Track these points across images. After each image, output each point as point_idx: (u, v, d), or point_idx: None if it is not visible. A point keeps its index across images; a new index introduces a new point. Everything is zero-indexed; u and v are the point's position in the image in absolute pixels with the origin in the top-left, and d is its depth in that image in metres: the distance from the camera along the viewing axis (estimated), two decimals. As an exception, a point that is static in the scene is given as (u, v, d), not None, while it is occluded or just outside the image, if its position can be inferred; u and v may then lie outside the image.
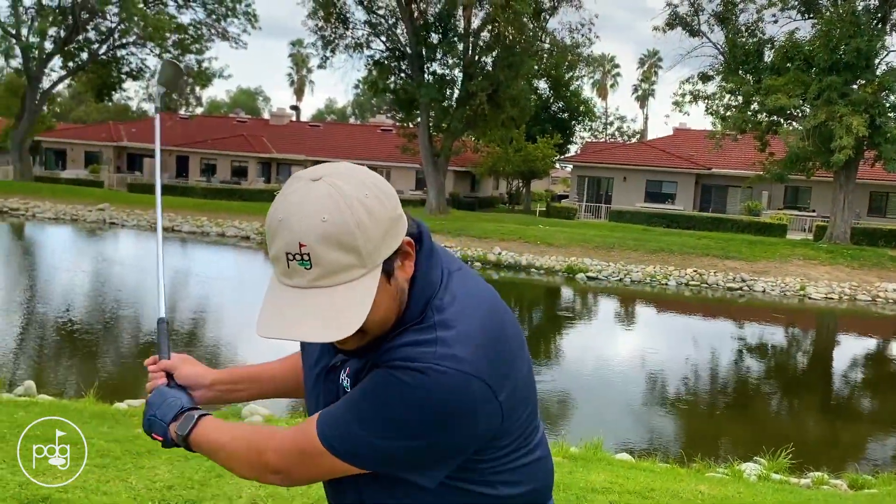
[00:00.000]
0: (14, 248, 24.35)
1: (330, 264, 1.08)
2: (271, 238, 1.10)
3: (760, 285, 22.68)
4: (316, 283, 1.09)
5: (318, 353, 1.34)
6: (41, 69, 38.84)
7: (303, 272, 1.08)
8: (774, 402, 12.28)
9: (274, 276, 1.13)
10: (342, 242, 1.07)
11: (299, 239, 1.07)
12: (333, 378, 1.29)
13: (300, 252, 1.07)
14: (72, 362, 10.94)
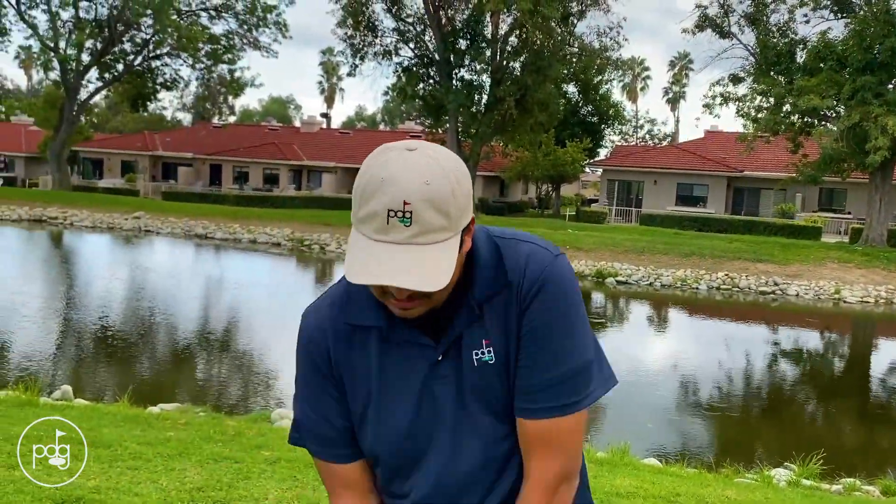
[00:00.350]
0: (53, 256, 24.93)
1: (427, 224, 1.14)
2: (369, 196, 1.15)
3: (794, 289, 22.35)
4: (412, 240, 1.14)
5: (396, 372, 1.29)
6: (79, 81, 39.75)
7: (402, 229, 1.14)
8: (807, 408, 12.10)
9: (359, 234, 1.18)
10: (440, 206, 1.14)
11: (404, 197, 1.13)
12: (445, 373, 1.27)
13: (403, 209, 1.13)
14: (108, 367, 11.18)
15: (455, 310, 1.26)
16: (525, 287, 1.25)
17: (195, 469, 4.38)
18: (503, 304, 1.26)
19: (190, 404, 7.97)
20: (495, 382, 1.26)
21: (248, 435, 5.48)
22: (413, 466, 1.31)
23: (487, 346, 1.26)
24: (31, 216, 32.31)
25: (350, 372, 1.31)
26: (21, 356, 11.11)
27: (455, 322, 1.26)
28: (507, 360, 1.26)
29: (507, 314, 1.26)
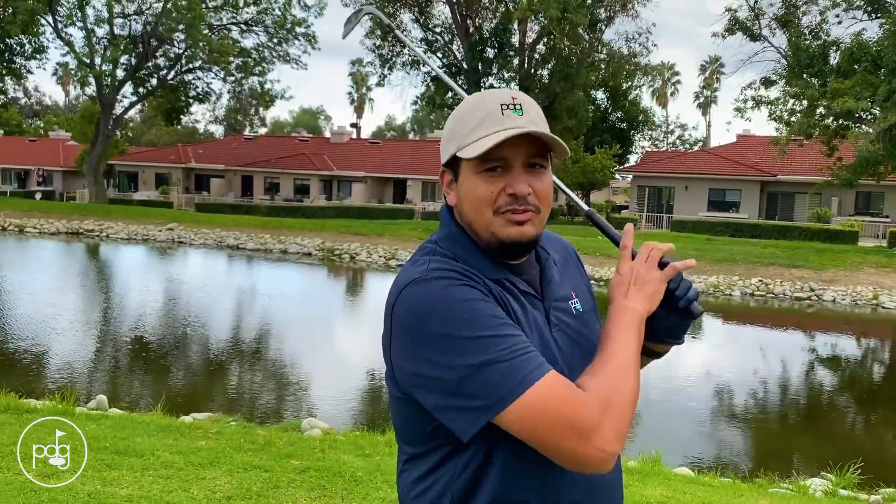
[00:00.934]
0: (89, 268, 25.42)
1: (537, 115, 1.30)
2: (475, 106, 1.30)
3: (830, 294, 21.93)
4: (531, 126, 1.26)
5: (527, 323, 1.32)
6: (114, 96, 40.58)
7: (516, 117, 1.27)
8: (844, 416, 11.85)
9: (475, 138, 1.27)
10: (539, 111, 1.32)
11: (511, 94, 1.29)
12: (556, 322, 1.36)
13: (513, 102, 1.28)
14: (142, 377, 11.35)
15: (542, 264, 1.39)
16: (580, 263, 1.55)
17: (225, 478, 4.42)
18: (566, 268, 1.46)
19: (221, 413, 8.05)
20: (587, 328, 1.40)
21: (279, 444, 5.52)
22: None
23: (575, 298, 1.42)
24: (68, 229, 33.01)
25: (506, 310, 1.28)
26: (58, 366, 11.34)
27: (548, 275, 1.38)
28: (589, 313, 1.44)
29: (576, 276, 1.48)
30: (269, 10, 40.47)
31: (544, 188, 1.30)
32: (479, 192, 1.28)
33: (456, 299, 1.21)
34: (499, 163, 1.27)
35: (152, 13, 39.51)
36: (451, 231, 1.35)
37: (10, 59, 41.09)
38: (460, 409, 1.18)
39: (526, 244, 1.30)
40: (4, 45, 40.09)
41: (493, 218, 1.27)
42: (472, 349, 1.17)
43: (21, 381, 9.41)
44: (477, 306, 1.21)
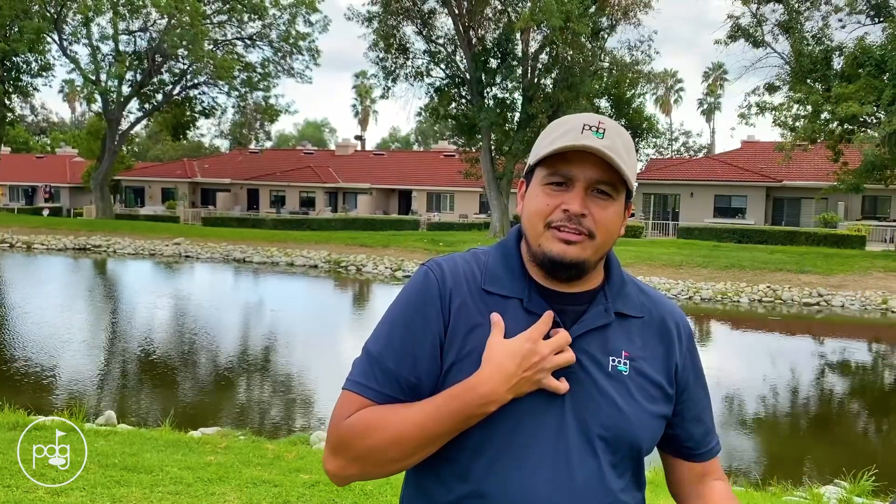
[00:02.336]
0: (97, 284, 25.48)
1: (616, 146, 1.23)
2: (563, 123, 1.27)
3: (839, 300, 21.82)
4: (607, 150, 1.21)
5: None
6: (120, 112, 40.82)
7: (596, 139, 1.22)
8: (857, 422, 11.76)
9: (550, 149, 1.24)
10: (627, 145, 1.26)
11: (600, 119, 1.25)
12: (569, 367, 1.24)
13: (598, 126, 1.24)
14: (150, 392, 11.35)
15: (590, 305, 1.29)
16: (683, 340, 1.36)
17: (234, 493, 4.40)
18: (645, 332, 1.32)
19: (230, 428, 8.04)
20: (623, 394, 1.26)
21: (288, 458, 5.50)
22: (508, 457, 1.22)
23: (626, 358, 1.28)
24: (76, 245, 33.14)
25: (468, 325, 1.25)
26: (66, 382, 11.34)
27: (589, 315, 1.28)
28: (645, 384, 1.29)
29: (654, 346, 1.32)
30: (274, 25, 40.74)
31: (605, 216, 1.24)
32: (537, 203, 1.26)
33: (410, 291, 1.30)
34: (562, 178, 1.24)
35: (156, 30, 39.80)
36: (506, 241, 1.37)
37: (16, 76, 41.40)
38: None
39: (568, 264, 1.23)
40: (11, 63, 40.41)
41: (544, 231, 1.25)
42: (378, 333, 1.31)
43: (29, 398, 9.42)
44: (411, 301, 1.29)
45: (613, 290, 1.32)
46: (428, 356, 1.25)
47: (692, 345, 1.38)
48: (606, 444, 1.24)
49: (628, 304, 1.32)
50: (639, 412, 1.27)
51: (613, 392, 1.25)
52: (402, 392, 1.24)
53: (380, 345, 1.28)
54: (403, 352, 1.25)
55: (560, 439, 1.22)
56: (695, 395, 1.38)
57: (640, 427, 1.27)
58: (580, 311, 1.28)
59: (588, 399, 1.24)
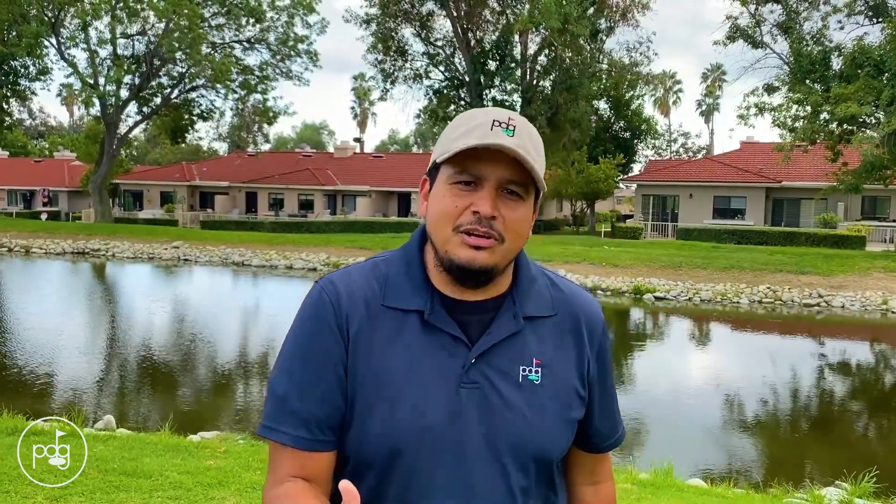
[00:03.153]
0: (96, 288, 25.46)
1: (527, 144, 1.17)
2: (469, 118, 1.20)
3: (839, 300, 21.81)
4: (518, 149, 1.14)
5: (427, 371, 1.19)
6: (118, 115, 40.83)
7: (506, 136, 1.15)
8: (858, 423, 11.74)
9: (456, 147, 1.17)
10: (535, 143, 1.20)
11: (509, 115, 1.19)
12: (475, 379, 1.19)
13: (508, 122, 1.17)
14: (150, 397, 11.32)
15: (497, 313, 1.22)
16: (595, 331, 1.31)
17: (234, 498, 4.38)
18: (557, 332, 1.27)
19: (229, 432, 8.01)
20: (535, 404, 1.21)
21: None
22: (418, 477, 1.18)
23: (537, 366, 1.22)
24: (74, 248, 33.10)
25: (368, 349, 1.19)
26: (65, 387, 11.32)
27: (497, 325, 1.21)
28: (558, 389, 1.24)
29: (566, 346, 1.27)
30: (272, 28, 40.76)
31: (515, 218, 1.17)
32: (444, 204, 1.17)
33: (304, 318, 1.24)
34: (471, 177, 1.16)
35: (154, 33, 39.82)
36: (408, 245, 1.28)
37: (14, 80, 41.42)
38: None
39: (476, 272, 1.16)
40: (9, 67, 40.42)
41: (452, 235, 1.16)
42: (279, 368, 1.25)
43: (28, 403, 9.39)
44: (305, 330, 1.23)
45: (522, 293, 1.25)
46: (335, 387, 1.19)
47: (604, 340, 1.33)
48: (516, 460, 1.20)
49: (538, 303, 1.26)
50: (550, 423, 1.22)
51: (523, 404, 1.20)
52: (317, 432, 1.18)
53: (283, 382, 1.21)
54: (307, 388, 1.19)
55: (464, 467, 1.18)
56: (604, 391, 1.34)
57: (552, 438, 1.24)
58: (487, 319, 1.21)
59: (496, 417, 1.19)
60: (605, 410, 1.35)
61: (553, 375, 1.23)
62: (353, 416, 1.18)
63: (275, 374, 1.24)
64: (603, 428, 1.36)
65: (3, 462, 4.23)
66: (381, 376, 1.18)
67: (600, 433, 1.36)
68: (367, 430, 1.17)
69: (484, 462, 1.18)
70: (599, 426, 1.35)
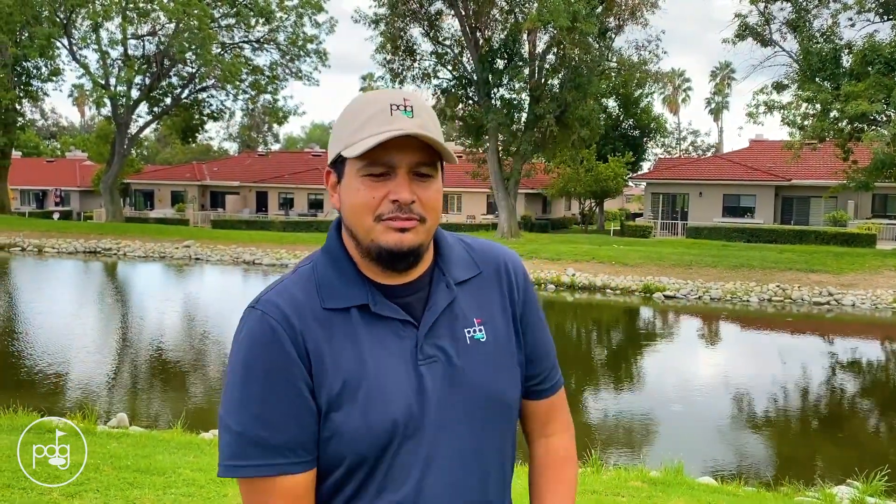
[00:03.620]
0: (108, 287, 25.61)
1: (427, 123, 1.19)
2: (364, 106, 1.21)
3: (849, 299, 21.71)
4: (419, 130, 1.16)
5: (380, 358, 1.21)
6: (129, 116, 41.01)
7: (406, 119, 1.17)
8: (869, 422, 11.70)
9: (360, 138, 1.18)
10: (433, 117, 1.22)
11: (403, 95, 1.20)
12: (431, 353, 1.23)
13: (404, 104, 1.19)
14: (162, 394, 11.40)
15: (431, 287, 1.27)
16: (515, 280, 1.35)
17: (247, 495, 4.41)
18: (483, 288, 1.32)
19: (241, 430, 8.04)
20: (489, 361, 1.27)
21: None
22: (402, 467, 1.20)
23: (479, 325, 1.28)
24: (86, 248, 33.29)
25: (331, 360, 1.19)
26: (78, 385, 11.41)
27: (434, 299, 1.26)
28: (502, 342, 1.30)
29: (493, 298, 1.32)
30: (281, 28, 40.86)
31: (431, 196, 1.21)
32: (360, 198, 1.19)
33: (251, 345, 1.19)
34: (383, 168, 1.18)
35: (165, 34, 39.98)
36: (329, 244, 1.29)
37: (27, 81, 41.70)
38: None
39: (406, 253, 1.20)
40: (22, 68, 40.68)
41: (374, 224, 1.19)
42: (229, 403, 1.19)
43: (42, 400, 9.48)
44: (255, 364, 1.18)
45: (447, 262, 1.30)
46: (302, 409, 1.18)
47: (527, 283, 1.37)
48: (488, 420, 1.26)
49: (463, 267, 1.32)
50: (506, 374, 1.29)
51: (480, 363, 1.26)
52: (291, 456, 1.18)
53: (239, 417, 1.17)
54: (270, 416, 1.16)
55: (445, 437, 1.22)
56: (537, 333, 1.37)
57: (510, 389, 1.30)
58: (424, 295, 1.26)
59: (459, 383, 1.23)
60: (539, 352, 1.37)
61: (494, 329, 1.29)
62: (329, 426, 1.18)
63: (226, 410, 1.19)
64: (542, 370, 1.38)
65: (10, 461, 4.26)
66: (347, 381, 1.18)
67: (539, 376, 1.38)
68: (348, 435, 1.18)
69: (462, 428, 1.23)
70: (538, 370, 1.38)
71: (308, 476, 1.20)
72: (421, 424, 1.20)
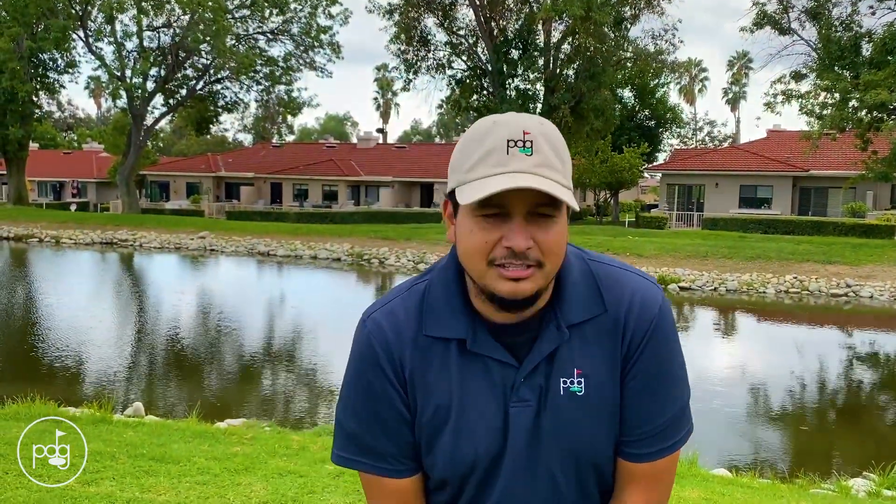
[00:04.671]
0: (125, 277, 25.82)
1: (547, 158, 1.10)
2: (483, 136, 1.12)
3: (867, 290, 21.50)
4: (537, 170, 1.08)
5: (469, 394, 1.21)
6: (144, 107, 41.26)
7: (524, 158, 1.09)
8: (886, 414, 11.59)
9: (475, 182, 1.11)
10: (556, 145, 1.12)
11: (523, 127, 1.10)
12: (526, 397, 1.20)
13: (523, 138, 1.09)
14: (178, 384, 11.49)
15: (541, 328, 1.19)
16: (636, 328, 1.20)
17: (261, 483, 4.45)
18: (599, 334, 1.20)
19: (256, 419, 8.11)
20: (580, 416, 1.20)
21: (313, 449, 5.54)
22: (481, 494, 1.25)
23: (578, 377, 1.20)
24: (102, 239, 33.58)
25: (424, 386, 1.21)
26: (95, 375, 11.52)
27: (540, 342, 1.19)
28: (601, 397, 1.20)
29: (610, 349, 1.20)
30: (295, 19, 40.89)
31: (551, 240, 1.11)
32: (473, 240, 1.12)
33: (359, 360, 1.25)
34: (497, 209, 1.10)
35: (179, 25, 40.12)
36: (448, 266, 1.25)
37: (43, 74, 42.01)
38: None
39: (522, 302, 1.13)
40: (38, 60, 40.97)
41: (487, 269, 1.12)
42: (343, 402, 1.28)
43: (59, 390, 9.57)
44: (360, 378, 1.25)
45: (565, 301, 1.20)
46: (401, 426, 1.23)
47: (653, 334, 1.21)
48: (568, 474, 1.22)
49: (582, 309, 1.20)
50: (596, 431, 1.21)
51: (569, 417, 1.19)
52: (395, 463, 1.25)
53: (350, 421, 1.26)
54: (375, 428, 1.23)
55: (522, 484, 1.23)
56: (642, 395, 1.21)
57: (600, 444, 1.22)
58: (533, 335, 1.19)
59: (545, 433, 1.20)
60: (631, 417, 1.22)
61: (596, 383, 1.20)
62: (422, 446, 1.24)
63: (340, 409, 1.28)
64: (627, 431, 1.22)
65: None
66: (438, 410, 1.21)
67: (624, 434, 1.23)
68: (436, 460, 1.23)
69: (539, 478, 1.22)
70: (624, 429, 1.23)
71: (412, 480, 1.27)
72: (500, 463, 1.22)
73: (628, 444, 1.23)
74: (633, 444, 1.23)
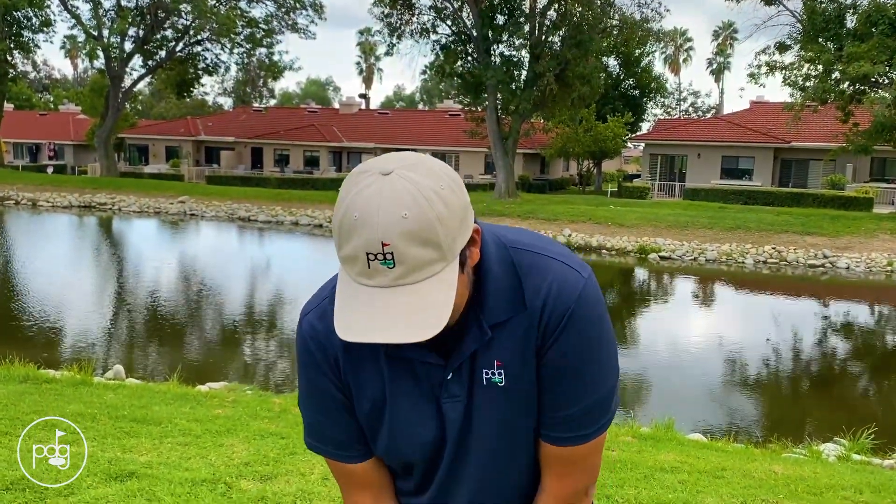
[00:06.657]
0: (103, 241, 25.57)
1: (413, 261, 1.03)
2: (346, 236, 1.04)
3: (844, 262, 21.81)
4: (399, 282, 1.04)
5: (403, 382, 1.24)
6: (122, 69, 40.47)
7: (385, 271, 1.03)
8: (858, 382, 11.85)
9: (346, 276, 1.08)
10: (424, 238, 1.03)
11: (381, 238, 1.01)
12: (456, 392, 1.22)
13: (383, 252, 1.02)
14: (158, 348, 11.47)
15: (465, 328, 1.18)
16: (550, 319, 1.17)
17: (243, 445, 4.48)
18: (520, 326, 1.18)
19: (237, 383, 8.14)
20: (503, 405, 1.21)
21: (294, 412, 5.57)
22: (429, 476, 1.31)
23: (498, 368, 1.20)
24: (80, 202, 33.17)
25: (358, 385, 1.24)
26: (75, 338, 11.46)
27: (465, 342, 1.18)
28: (521, 386, 1.21)
29: (525, 339, 1.18)
30: (277, -21, 40.10)
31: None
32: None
33: (300, 358, 1.29)
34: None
35: (159, -16, 39.22)
36: None
37: (17, 32, 40.97)
38: None
39: (426, 345, 1.13)
40: (12, 18, 39.95)
41: None
42: (299, 396, 1.34)
43: (39, 352, 9.53)
44: (306, 371, 1.29)
45: (485, 302, 1.18)
46: (348, 417, 1.29)
47: (568, 326, 1.17)
48: (501, 461, 1.28)
49: (503, 307, 1.18)
50: (519, 418, 1.23)
51: (491, 402, 1.21)
52: (352, 450, 1.31)
53: (307, 413, 1.33)
54: (325, 420, 1.30)
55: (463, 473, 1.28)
56: (559, 382, 1.20)
57: (527, 432, 1.25)
58: (457, 335, 1.18)
59: (474, 424, 1.23)
60: (546, 401, 1.22)
61: (513, 374, 1.20)
62: (367, 436, 1.30)
63: (299, 400, 1.34)
64: (546, 412, 1.23)
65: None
66: (374, 406, 1.25)
67: (546, 416, 1.23)
68: (378, 451, 1.30)
69: (480, 468, 1.28)
70: (544, 407, 1.23)
71: (369, 463, 1.32)
72: (441, 453, 1.27)
73: (544, 425, 1.24)
74: (547, 426, 1.23)
